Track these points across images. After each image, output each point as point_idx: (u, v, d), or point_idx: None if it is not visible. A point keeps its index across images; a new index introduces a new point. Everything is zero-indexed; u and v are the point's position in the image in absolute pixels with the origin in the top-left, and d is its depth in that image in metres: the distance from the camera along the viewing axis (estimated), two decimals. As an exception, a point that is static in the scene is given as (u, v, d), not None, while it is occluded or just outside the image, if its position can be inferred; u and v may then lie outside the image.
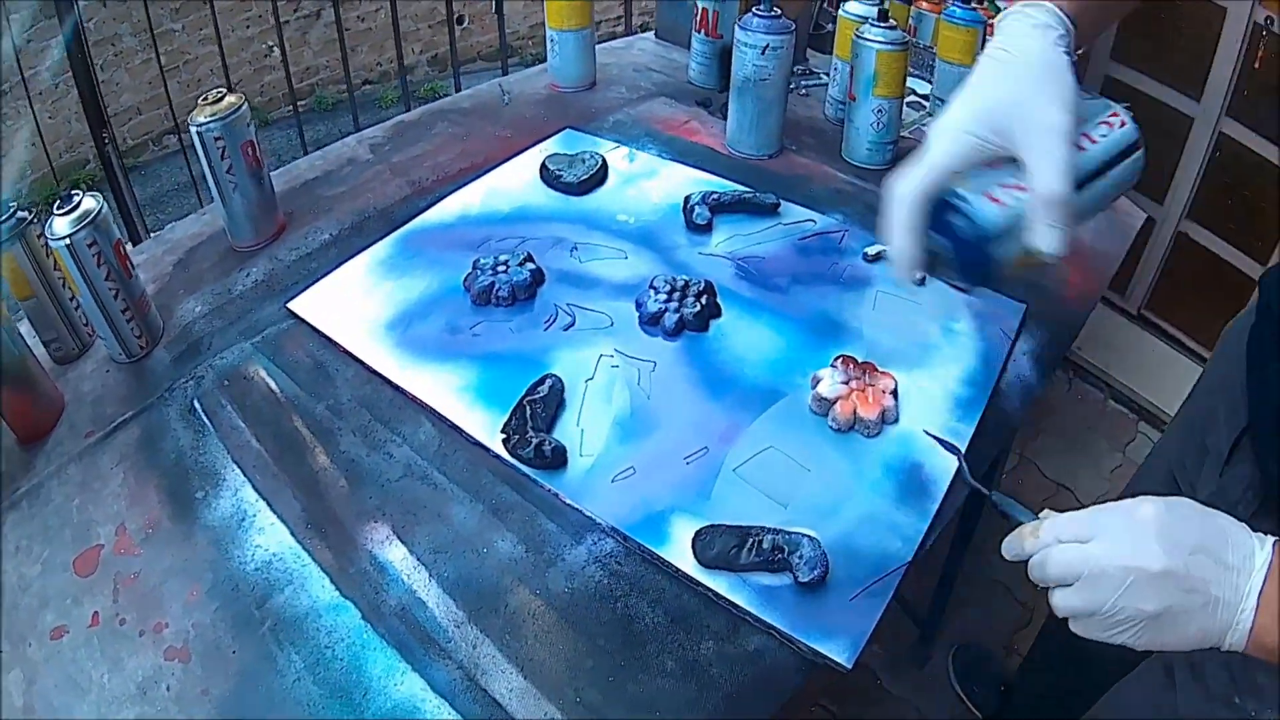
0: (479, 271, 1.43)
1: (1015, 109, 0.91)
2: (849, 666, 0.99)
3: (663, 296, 1.37)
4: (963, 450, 1.12)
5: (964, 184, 0.93)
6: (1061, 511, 0.88)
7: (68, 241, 1.23)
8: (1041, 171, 0.89)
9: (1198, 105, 2.61)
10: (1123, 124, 0.96)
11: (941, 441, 1.12)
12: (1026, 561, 0.88)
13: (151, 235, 2.22)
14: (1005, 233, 0.91)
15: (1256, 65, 2.42)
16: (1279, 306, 1.14)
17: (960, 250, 0.94)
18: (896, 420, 1.24)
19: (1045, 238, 0.90)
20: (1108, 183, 0.96)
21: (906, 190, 0.94)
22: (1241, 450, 1.20)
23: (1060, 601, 0.84)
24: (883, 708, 2.22)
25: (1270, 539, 0.80)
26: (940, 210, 0.94)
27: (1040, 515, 0.90)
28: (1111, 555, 0.80)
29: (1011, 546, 0.90)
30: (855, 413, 1.21)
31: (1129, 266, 2.82)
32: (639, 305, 1.39)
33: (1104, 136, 0.95)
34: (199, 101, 1.45)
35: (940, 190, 0.93)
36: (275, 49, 6.24)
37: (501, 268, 1.43)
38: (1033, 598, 2.45)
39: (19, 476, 1.22)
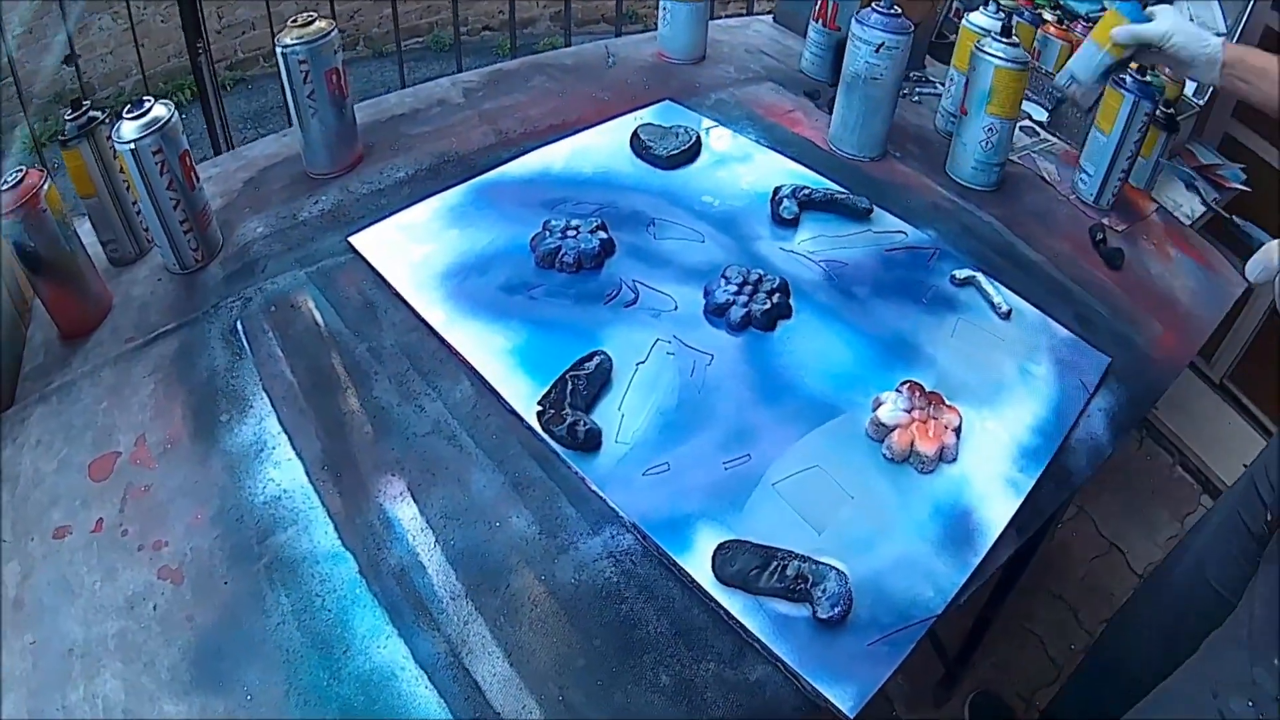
0: (548, 233, 1.38)
1: None
2: (850, 717, 0.93)
3: (733, 288, 1.31)
4: None
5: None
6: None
7: (133, 146, 1.22)
8: None
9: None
10: None
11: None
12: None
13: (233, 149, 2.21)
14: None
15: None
16: None
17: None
18: (955, 459, 1.16)
19: None
20: None
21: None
22: None
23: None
24: (893, 741, 2.16)
25: None
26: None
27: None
28: None
29: (1257, 264, 1.03)
30: (913, 444, 1.14)
31: (1219, 333, 2.71)
32: (707, 293, 1.33)
33: None
34: (288, 23, 1.43)
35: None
36: (403, -21, 6.24)
37: (572, 232, 1.38)
38: (1064, 655, 2.37)
39: (54, 371, 1.22)
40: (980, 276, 1.42)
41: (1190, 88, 2.21)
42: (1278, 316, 1.49)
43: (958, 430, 1.18)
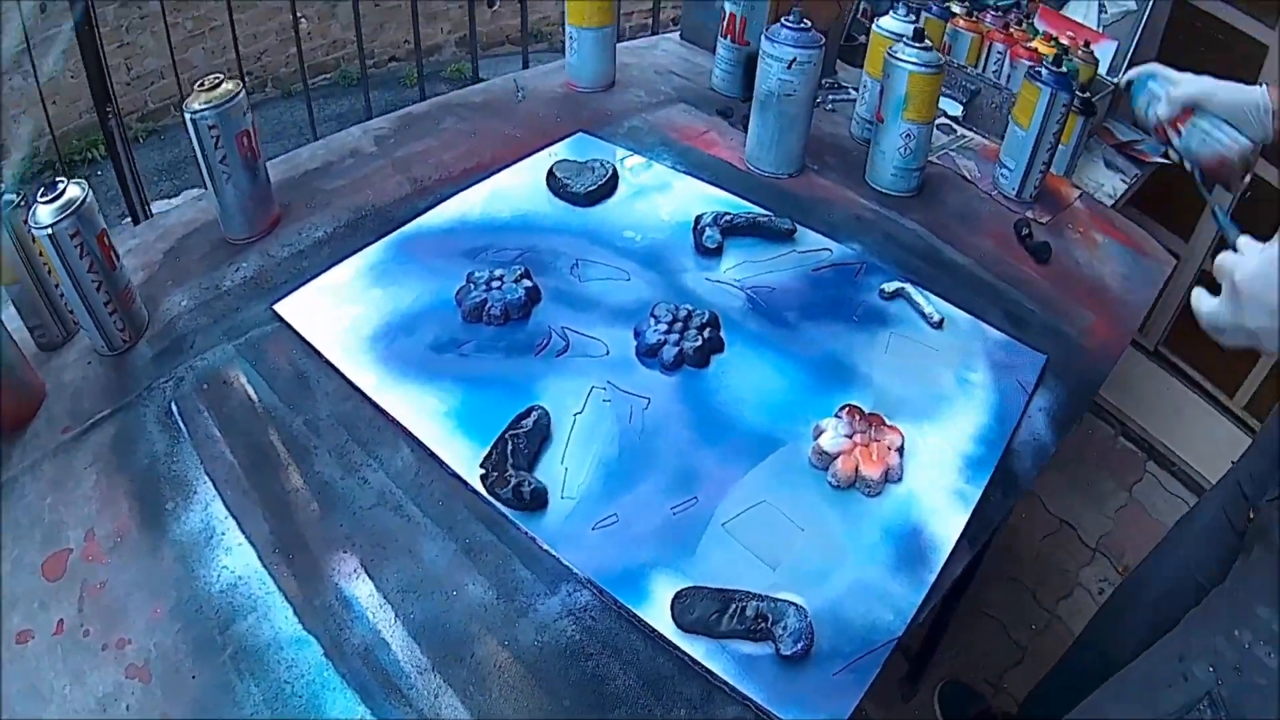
0: (472, 286, 1.37)
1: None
2: None
3: (663, 327, 1.31)
4: None
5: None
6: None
7: (50, 231, 1.19)
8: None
9: (1231, 145, 2.54)
10: None
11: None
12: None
13: (153, 214, 2.17)
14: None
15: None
16: None
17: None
18: (900, 478, 1.17)
19: None
20: None
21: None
22: None
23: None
24: (868, 743, 2.17)
25: None
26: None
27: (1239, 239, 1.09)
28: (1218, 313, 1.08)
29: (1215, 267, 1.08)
30: (857, 470, 1.15)
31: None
32: (637, 334, 1.33)
33: None
34: (194, 87, 1.39)
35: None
36: (304, 19, 6.19)
37: (496, 283, 1.37)
38: (1026, 637, 2.40)
39: None
40: (909, 287, 1.43)
41: (1104, 66, 2.25)
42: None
43: (900, 449, 1.19)
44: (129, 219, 2.47)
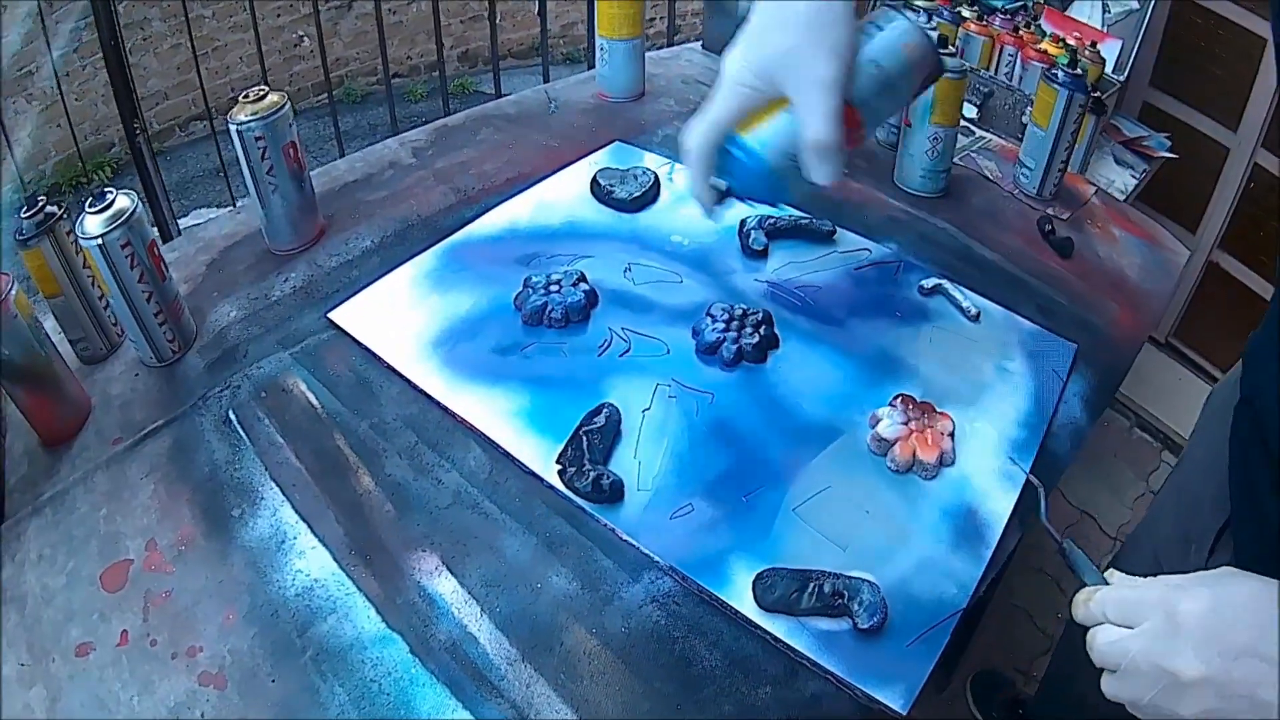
0: (531, 290, 1.41)
1: (787, 59, 1.02)
2: (904, 714, 0.98)
3: (720, 325, 1.35)
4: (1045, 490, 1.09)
5: (750, 127, 1.09)
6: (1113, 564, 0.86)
7: (100, 241, 1.20)
8: (809, 122, 1.02)
9: (1234, 136, 2.60)
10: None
11: (1028, 475, 1.14)
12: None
13: (182, 232, 2.20)
14: (780, 170, 1.09)
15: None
16: (1261, 395, 1.10)
17: (745, 187, 1.14)
18: (954, 463, 1.22)
19: (818, 174, 1.05)
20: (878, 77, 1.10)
21: (692, 144, 1.10)
22: (1223, 545, 1.19)
23: (1103, 684, 0.81)
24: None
25: None
26: (724, 155, 1.11)
27: (1105, 574, 0.86)
28: (1148, 652, 0.75)
29: (1075, 609, 0.85)
30: (915, 455, 1.20)
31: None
32: (696, 333, 1.37)
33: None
34: (240, 99, 1.41)
35: (722, 139, 1.10)
36: (306, 38, 6.23)
37: (555, 287, 1.40)
38: (1052, 624, 2.45)
39: (42, 481, 1.19)
40: (945, 283, 1.48)
41: (1109, 65, 2.31)
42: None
43: (952, 435, 1.24)
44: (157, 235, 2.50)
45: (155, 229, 2.50)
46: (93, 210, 1.21)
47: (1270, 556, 1.01)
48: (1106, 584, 0.85)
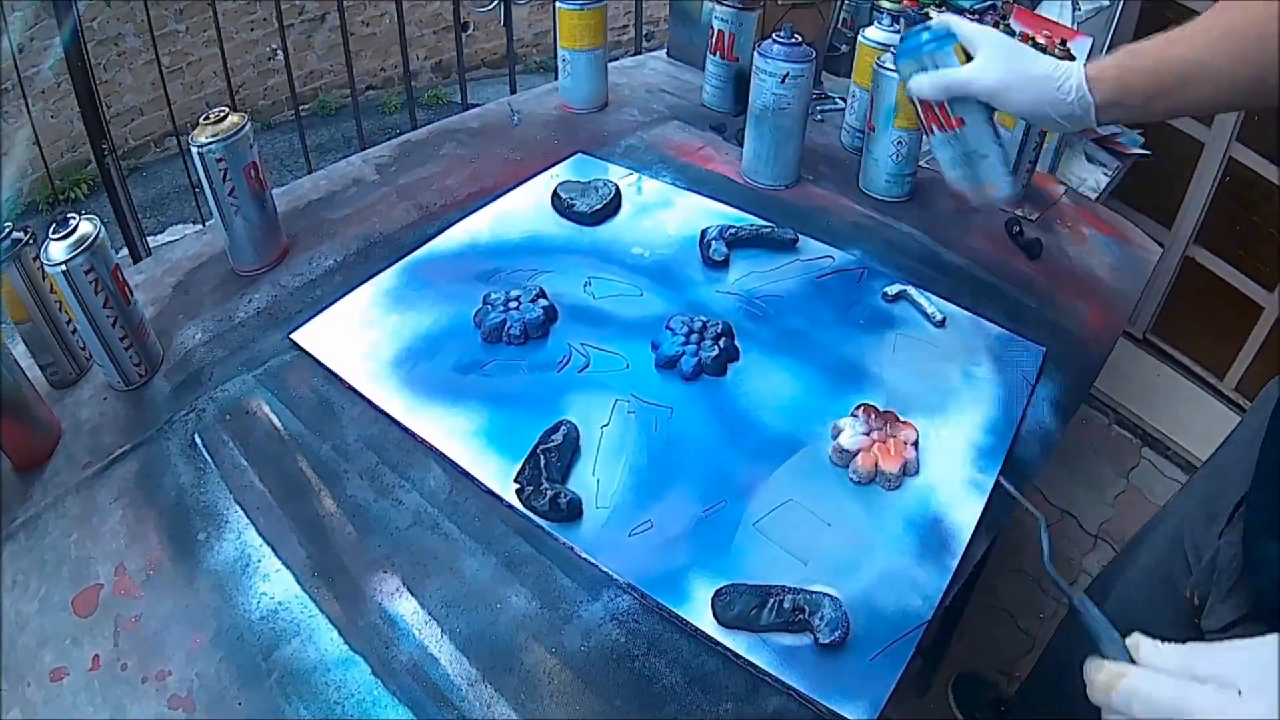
0: (490, 307, 1.40)
1: None
2: None
3: (680, 339, 1.34)
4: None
5: None
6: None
7: (64, 268, 1.20)
8: None
9: (1209, 130, 2.61)
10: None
11: (1029, 509, 1.05)
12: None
13: (152, 252, 2.19)
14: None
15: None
16: None
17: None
18: (917, 472, 1.21)
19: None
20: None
21: None
22: (1237, 520, 1.18)
23: None
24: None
25: None
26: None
27: (1129, 642, 0.73)
28: None
29: (1093, 689, 0.72)
30: (877, 465, 1.19)
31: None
32: (655, 347, 1.36)
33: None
34: (200, 121, 1.40)
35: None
36: (279, 52, 6.22)
37: (513, 304, 1.40)
38: (1035, 625, 2.44)
39: (14, 506, 1.19)
40: (910, 289, 1.47)
41: (1080, 62, 2.30)
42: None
43: (916, 444, 1.23)
44: (126, 255, 2.49)
45: (126, 250, 2.50)
46: (56, 236, 1.20)
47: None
48: (1129, 656, 0.73)
